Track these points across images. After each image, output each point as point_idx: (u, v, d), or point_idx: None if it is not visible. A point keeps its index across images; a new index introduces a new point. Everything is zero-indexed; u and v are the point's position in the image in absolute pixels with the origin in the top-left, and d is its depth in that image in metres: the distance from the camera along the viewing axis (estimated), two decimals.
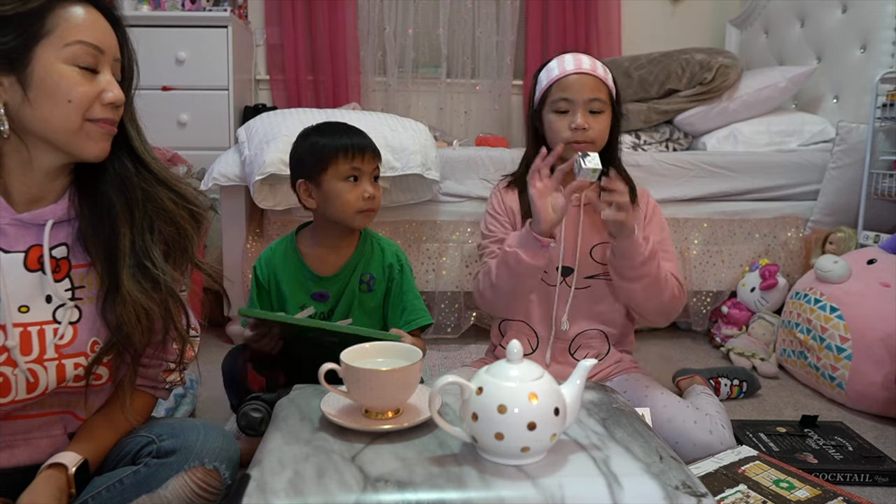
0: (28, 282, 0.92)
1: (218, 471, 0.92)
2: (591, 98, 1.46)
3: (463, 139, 3.06)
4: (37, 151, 0.91)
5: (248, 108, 3.05)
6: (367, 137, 1.46)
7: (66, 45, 0.87)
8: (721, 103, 2.65)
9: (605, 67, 1.53)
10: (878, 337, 1.79)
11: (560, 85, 1.48)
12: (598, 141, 1.49)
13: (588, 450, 0.88)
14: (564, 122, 1.47)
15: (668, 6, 3.51)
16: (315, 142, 1.45)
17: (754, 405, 1.89)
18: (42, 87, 0.87)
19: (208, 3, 3.07)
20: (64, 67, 0.87)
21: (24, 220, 0.92)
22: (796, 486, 1.26)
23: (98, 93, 0.90)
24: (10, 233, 0.92)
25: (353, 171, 1.41)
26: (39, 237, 0.93)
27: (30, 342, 0.90)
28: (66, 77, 0.87)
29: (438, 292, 2.37)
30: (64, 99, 0.87)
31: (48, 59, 0.87)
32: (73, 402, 0.99)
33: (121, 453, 0.97)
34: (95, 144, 0.92)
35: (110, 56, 0.92)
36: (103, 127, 0.91)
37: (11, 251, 0.91)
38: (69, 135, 0.89)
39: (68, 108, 0.88)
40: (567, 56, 1.51)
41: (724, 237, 2.45)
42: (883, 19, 2.45)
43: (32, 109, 0.87)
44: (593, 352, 1.57)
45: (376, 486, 0.79)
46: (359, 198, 1.41)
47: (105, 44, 0.91)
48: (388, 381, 0.92)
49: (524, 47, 3.39)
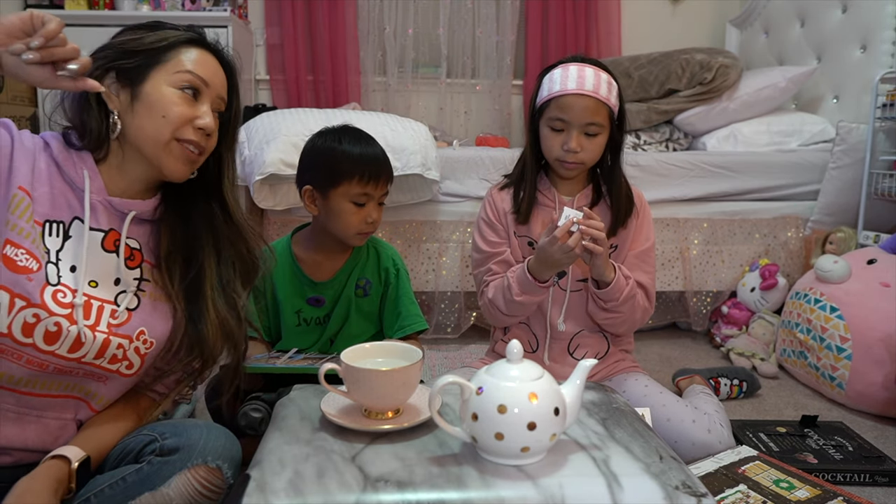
0: (102, 261, 1.01)
1: (220, 469, 0.93)
2: (587, 122, 1.43)
3: (463, 139, 3.06)
4: (129, 157, 1.02)
5: (248, 108, 3.04)
6: (384, 160, 1.44)
7: (177, 72, 1.00)
8: (721, 103, 2.65)
9: (611, 82, 1.46)
10: (878, 337, 1.79)
11: (558, 103, 1.44)
12: (587, 162, 1.47)
13: (588, 450, 0.88)
14: (558, 140, 1.46)
15: (668, 6, 3.51)
16: (333, 153, 1.41)
17: (754, 405, 1.89)
18: (146, 101, 0.99)
19: (208, 3, 3.07)
20: (168, 89, 0.99)
21: (113, 203, 1.02)
22: (796, 486, 1.26)
23: (193, 116, 1.00)
24: (99, 210, 1.01)
25: (362, 196, 1.40)
26: (121, 225, 1.03)
27: (90, 311, 0.97)
28: (167, 96, 0.99)
29: (438, 292, 2.37)
30: (160, 114, 0.98)
31: (158, 80, 0.99)
32: (91, 390, 1.01)
33: (124, 451, 0.98)
34: (177, 163, 1.01)
35: (214, 91, 1.04)
36: (187, 150, 1.01)
37: (94, 228, 1.00)
38: (156, 147, 1.00)
39: (161, 122, 0.99)
40: (572, 68, 1.44)
41: (724, 237, 2.45)
42: (883, 19, 2.45)
43: (133, 118, 0.99)
44: (592, 351, 1.58)
45: (376, 486, 0.79)
46: (362, 221, 1.41)
47: (211, 79, 1.03)
48: (388, 381, 0.92)
49: (524, 47, 3.39)
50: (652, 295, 1.53)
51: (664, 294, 2.56)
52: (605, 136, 1.47)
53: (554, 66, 1.50)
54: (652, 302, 1.53)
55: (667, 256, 2.42)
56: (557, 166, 1.50)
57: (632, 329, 1.58)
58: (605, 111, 1.44)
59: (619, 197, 1.52)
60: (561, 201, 1.54)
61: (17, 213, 0.93)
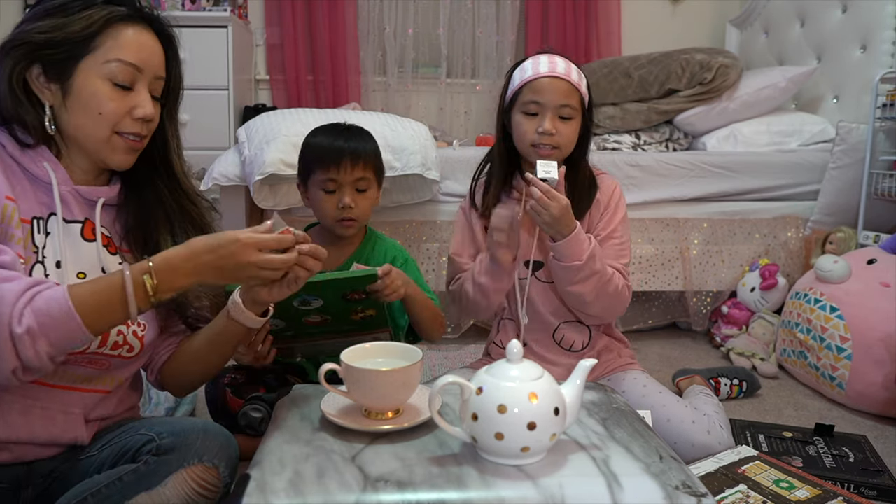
0: (85, 251, 1.00)
1: (217, 469, 0.93)
2: (561, 104, 1.43)
3: (463, 139, 3.06)
4: (73, 150, 1.00)
5: (248, 108, 3.05)
6: (352, 146, 1.44)
7: (106, 62, 0.95)
8: (721, 103, 2.65)
9: (581, 73, 1.49)
10: (878, 337, 1.79)
11: (532, 87, 1.45)
12: (563, 147, 1.46)
13: (588, 450, 0.88)
14: (532, 124, 1.45)
15: (668, 6, 3.51)
16: (305, 146, 1.48)
17: (754, 405, 1.89)
18: (79, 97, 0.96)
19: (208, 3, 3.07)
20: (100, 83, 0.96)
21: (81, 192, 1.01)
22: (796, 486, 1.26)
23: (129, 108, 0.98)
24: (70, 201, 1.00)
25: (330, 183, 1.43)
26: (92, 213, 1.02)
27: None
28: (99, 92, 0.96)
29: (438, 292, 2.36)
30: (95, 111, 0.96)
31: (88, 73, 0.95)
32: (95, 377, 1.01)
33: (121, 450, 0.98)
34: (119, 156, 1.00)
35: (150, 74, 1.00)
36: (129, 141, 0.99)
37: (71, 220, 1.00)
38: (97, 143, 0.98)
39: (98, 120, 0.96)
40: (542, 57, 1.47)
41: (724, 237, 2.45)
42: (883, 19, 2.45)
43: (69, 116, 0.97)
44: (579, 338, 1.54)
45: (376, 486, 0.79)
46: (334, 207, 1.43)
47: (146, 63, 0.99)
48: (389, 382, 0.92)
49: (524, 47, 3.38)
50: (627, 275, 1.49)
51: (664, 294, 2.56)
52: (577, 123, 1.46)
53: (522, 60, 1.52)
54: (629, 288, 1.48)
55: (667, 256, 2.42)
56: (532, 153, 1.46)
57: (607, 308, 1.48)
58: (577, 96, 1.45)
59: (581, 188, 1.51)
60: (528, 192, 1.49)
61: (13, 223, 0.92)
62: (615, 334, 1.63)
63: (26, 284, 0.83)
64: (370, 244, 1.54)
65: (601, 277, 1.41)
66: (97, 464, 0.98)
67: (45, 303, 0.82)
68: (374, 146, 1.49)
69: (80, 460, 1.00)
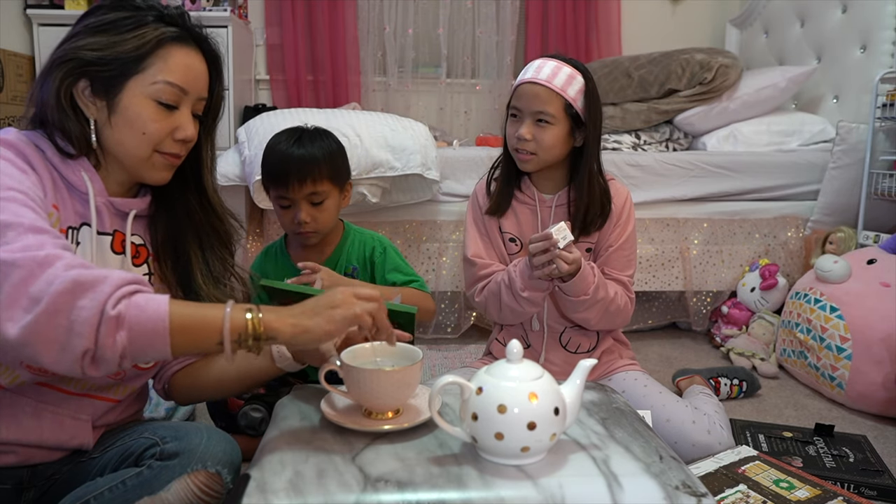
0: (112, 264, 1.02)
1: (220, 474, 0.93)
2: (537, 110, 1.43)
3: (463, 139, 3.06)
4: (109, 165, 1.02)
5: (248, 108, 3.05)
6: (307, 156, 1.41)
7: (154, 83, 0.97)
8: (721, 103, 2.65)
9: (574, 76, 1.43)
10: (878, 337, 1.79)
11: (517, 92, 1.48)
12: (540, 153, 1.45)
13: (588, 450, 0.88)
14: (513, 129, 1.48)
15: (668, 6, 3.51)
16: (264, 156, 1.47)
17: (754, 405, 1.89)
18: (124, 115, 0.97)
19: (208, 3, 3.06)
20: (145, 102, 0.97)
21: (115, 203, 1.02)
22: (796, 486, 1.26)
23: (172, 129, 1.00)
24: (104, 213, 1.01)
25: (283, 200, 1.44)
26: (123, 225, 1.04)
27: None
28: (144, 112, 0.97)
29: (438, 292, 2.37)
30: (139, 131, 0.97)
31: (135, 92, 0.96)
32: (109, 386, 1.02)
33: (124, 454, 0.98)
34: (158, 173, 1.02)
35: (194, 96, 1.02)
36: (168, 159, 1.01)
37: (102, 232, 1.01)
38: (137, 161, 1.00)
39: (141, 139, 0.98)
40: (538, 62, 1.47)
41: (724, 237, 2.45)
42: (883, 19, 2.45)
43: (112, 132, 0.98)
44: (585, 341, 1.58)
45: (376, 487, 0.79)
46: (290, 223, 1.45)
47: (192, 85, 1.00)
48: (389, 382, 0.92)
49: (524, 47, 3.39)
50: (631, 290, 1.52)
51: (664, 294, 2.56)
52: (559, 129, 1.44)
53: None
54: (632, 298, 1.52)
55: (667, 256, 2.42)
56: (514, 157, 1.50)
57: (610, 324, 1.55)
58: (557, 102, 1.43)
59: (591, 203, 1.49)
60: (541, 199, 1.55)
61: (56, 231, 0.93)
62: (616, 336, 1.64)
63: (134, 278, 0.82)
64: (349, 242, 1.55)
65: (605, 302, 1.45)
66: (99, 466, 0.98)
67: (144, 300, 0.81)
68: (328, 152, 1.44)
69: (83, 462, 1.00)
